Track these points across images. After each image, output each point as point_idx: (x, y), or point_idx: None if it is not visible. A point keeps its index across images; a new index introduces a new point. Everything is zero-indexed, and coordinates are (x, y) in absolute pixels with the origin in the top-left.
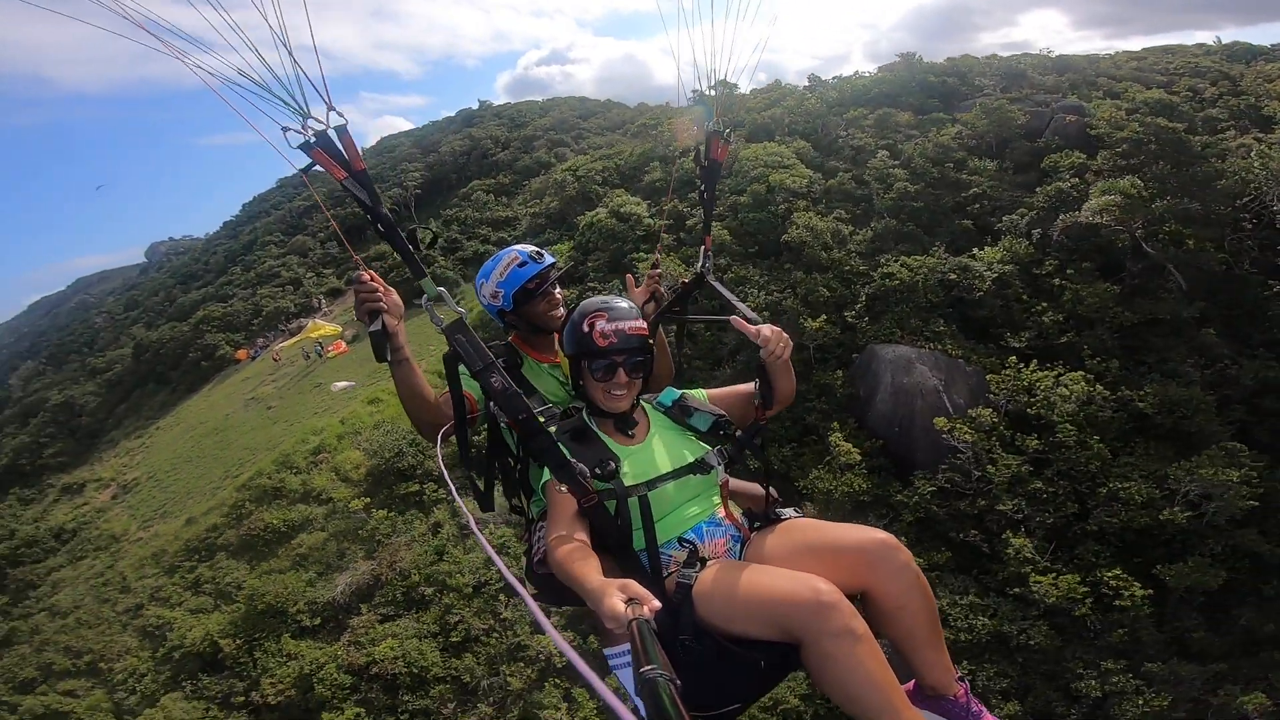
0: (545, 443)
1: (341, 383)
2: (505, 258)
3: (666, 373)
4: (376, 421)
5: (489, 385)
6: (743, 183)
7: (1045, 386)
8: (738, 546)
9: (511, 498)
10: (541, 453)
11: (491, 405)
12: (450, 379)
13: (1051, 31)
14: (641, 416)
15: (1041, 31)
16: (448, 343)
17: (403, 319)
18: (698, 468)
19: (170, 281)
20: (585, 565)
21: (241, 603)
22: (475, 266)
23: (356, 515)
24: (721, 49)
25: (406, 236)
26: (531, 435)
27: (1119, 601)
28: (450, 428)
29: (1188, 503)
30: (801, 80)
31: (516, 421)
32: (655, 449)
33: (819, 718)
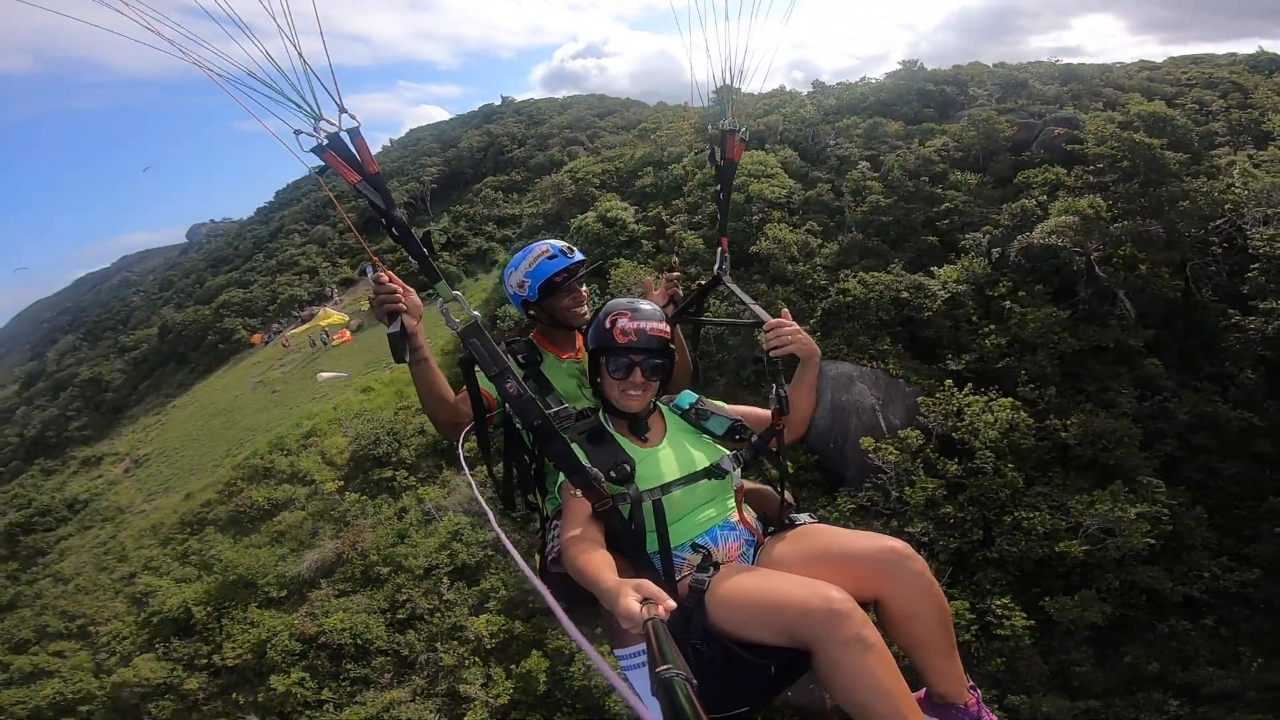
0: (560, 448)
1: (327, 373)
2: (536, 250)
3: (685, 373)
4: (358, 410)
5: (504, 390)
6: (706, 196)
7: (973, 412)
8: (751, 551)
9: (527, 494)
10: (557, 457)
11: (507, 406)
12: (467, 380)
13: (1106, 36)
14: (658, 419)
15: (1094, 36)
16: (463, 346)
17: (421, 319)
18: (713, 472)
19: (203, 264)
20: (600, 565)
21: (218, 573)
22: (479, 263)
23: (331, 497)
24: (736, 47)
25: (420, 239)
26: (547, 440)
27: (1000, 630)
28: (471, 428)
29: (1089, 536)
30: (836, 79)
31: (531, 427)
32: (671, 452)
33: None
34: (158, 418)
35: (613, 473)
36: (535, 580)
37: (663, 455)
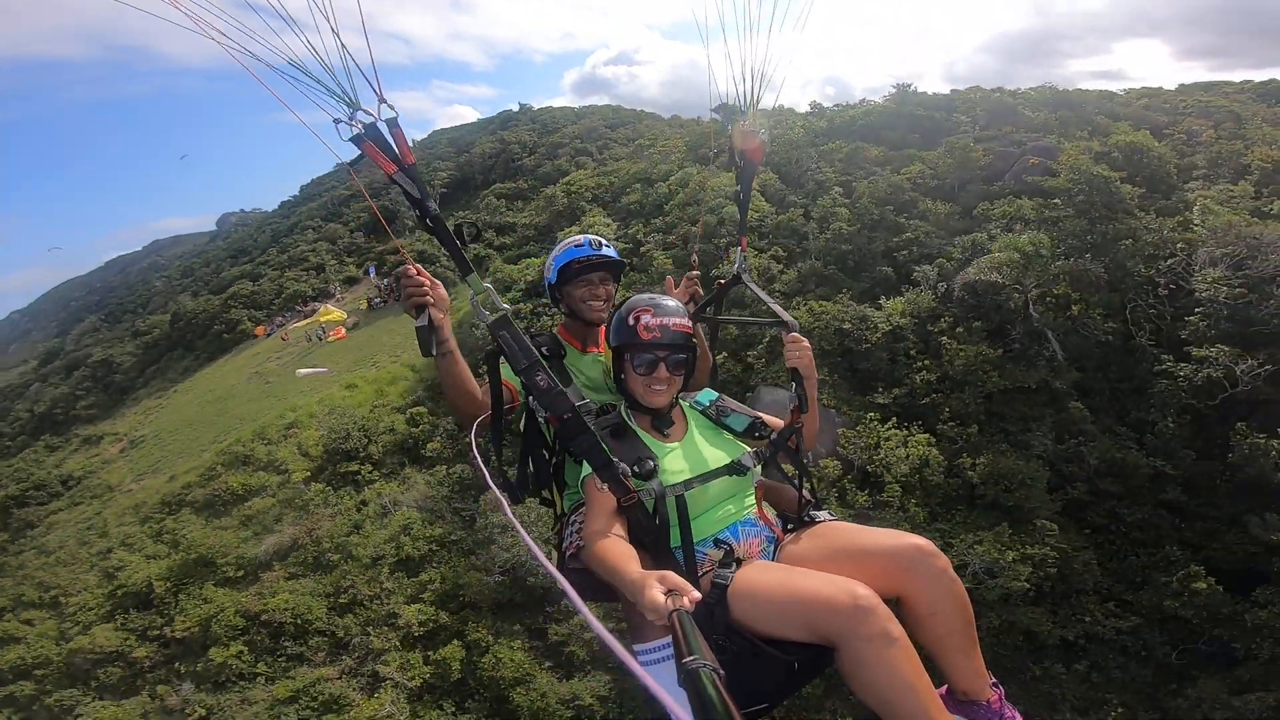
0: (588, 441)
1: (307, 369)
2: (571, 239)
3: (705, 370)
4: (331, 406)
5: (534, 383)
6: (696, 213)
7: (889, 446)
8: (771, 548)
9: (542, 490)
10: (585, 451)
11: (532, 400)
12: (491, 373)
13: (1151, 61)
14: (679, 416)
15: (1138, 61)
16: (492, 338)
17: (448, 313)
18: (734, 468)
19: (223, 254)
20: (625, 557)
21: (182, 551)
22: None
23: (298, 486)
24: (756, 54)
25: (454, 231)
26: (575, 434)
27: None
28: (486, 419)
29: (973, 575)
30: (874, 96)
31: (560, 419)
32: (693, 448)
33: None
34: (159, 401)
35: (636, 468)
36: (553, 570)
37: (685, 451)
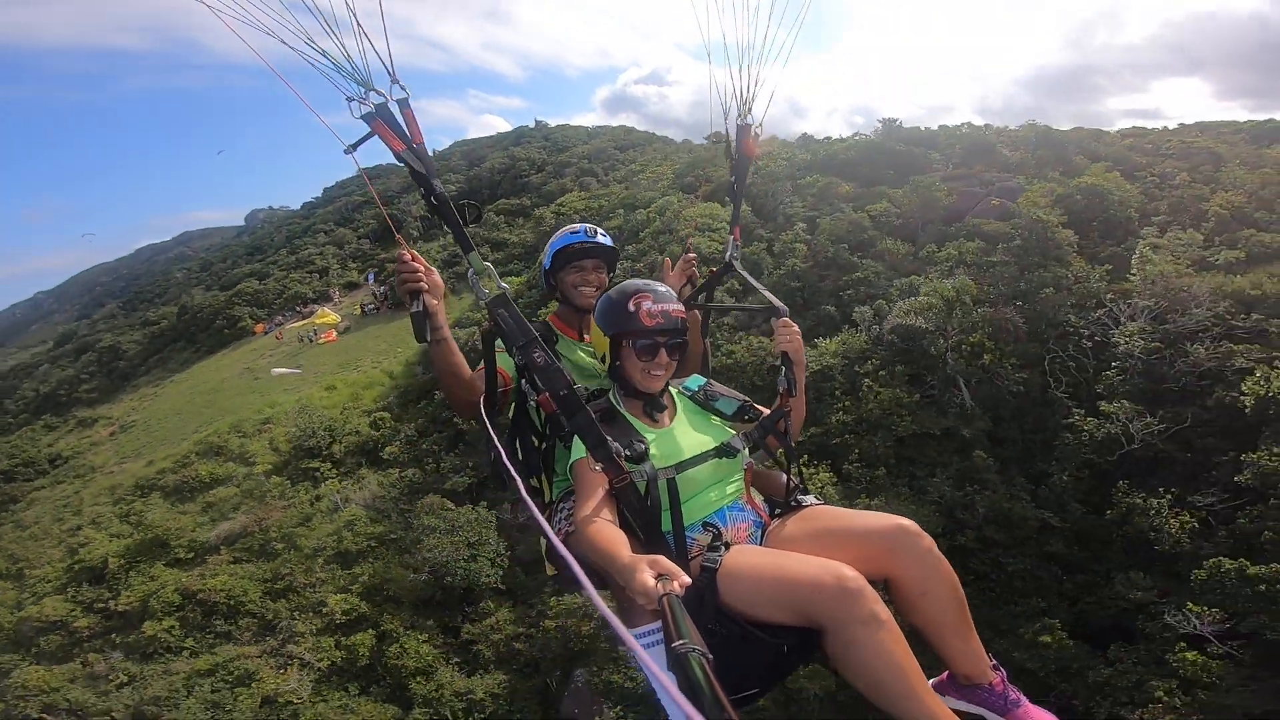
0: (584, 419)
1: (280, 369)
2: (567, 226)
3: (696, 356)
4: (306, 405)
5: (531, 360)
6: (672, 240)
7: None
8: (759, 532)
9: (530, 478)
10: (580, 429)
11: (523, 383)
12: (486, 353)
13: (1190, 100)
14: (669, 401)
15: (1177, 100)
16: (490, 317)
17: (442, 300)
18: (723, 451)
19: (241, 250)
20: (615, 543)
21: (141, 532)
22: (465, 282)
23: (259, 478)
24: (753, 52)
25: (457, 210)
26: (571, 412)
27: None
28: (491, 400)
29: None
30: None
31: (557, 397)
32: (683, 432)
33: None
34: (154, 390)
35: (628, 451)
36: (560, 547)
37: (675, 435)
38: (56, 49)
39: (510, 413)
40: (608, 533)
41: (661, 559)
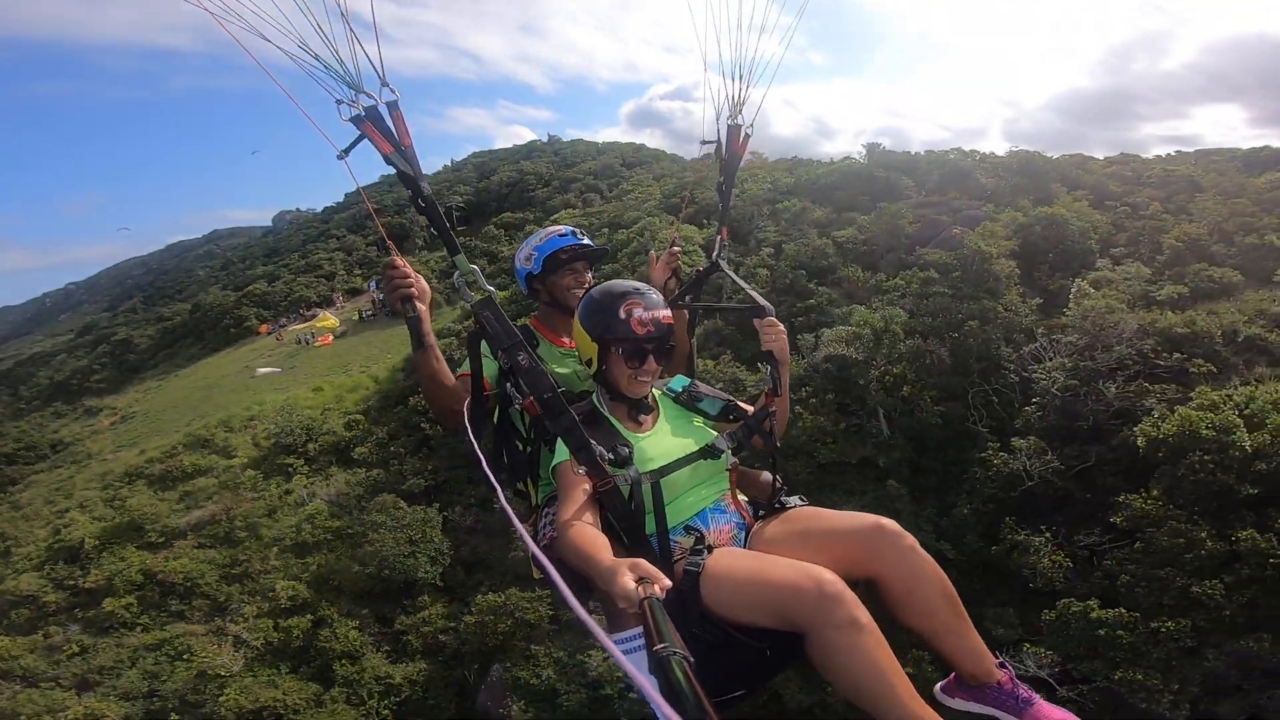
0: (568, 421)
1: (264, 369)
2: (551, 229)
3: (682, 356)
4: (290, 405)
5: (516, 362)
6: (643, 261)
7: None
8: (742, 535)
9: (516, 482)
10: (564, 432)
11: (508, 386)
12: (471, 356)
13: (1227, 128)
14: (652, 402)
15: (1215, 126)
16: (475, 319)
17: (430, 305)
18: (708, 452)
19: (259, 252)
20: (596, 547)
21: (120, 515)
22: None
23: (234, 470)
24: (745, 51)
25: (444, 213)
26: (555, 414)
27: None
28: (471, 405)
29: None
30: (925, 148)
31: (541, 400)
32: (667, 435)
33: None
34: (158, 383)
35: (611, 455)
36: (537, 552)
37: (659, 438)
38: (110, 46)
39: (494, 418)
40: (589, 536)
41: (642, 562)
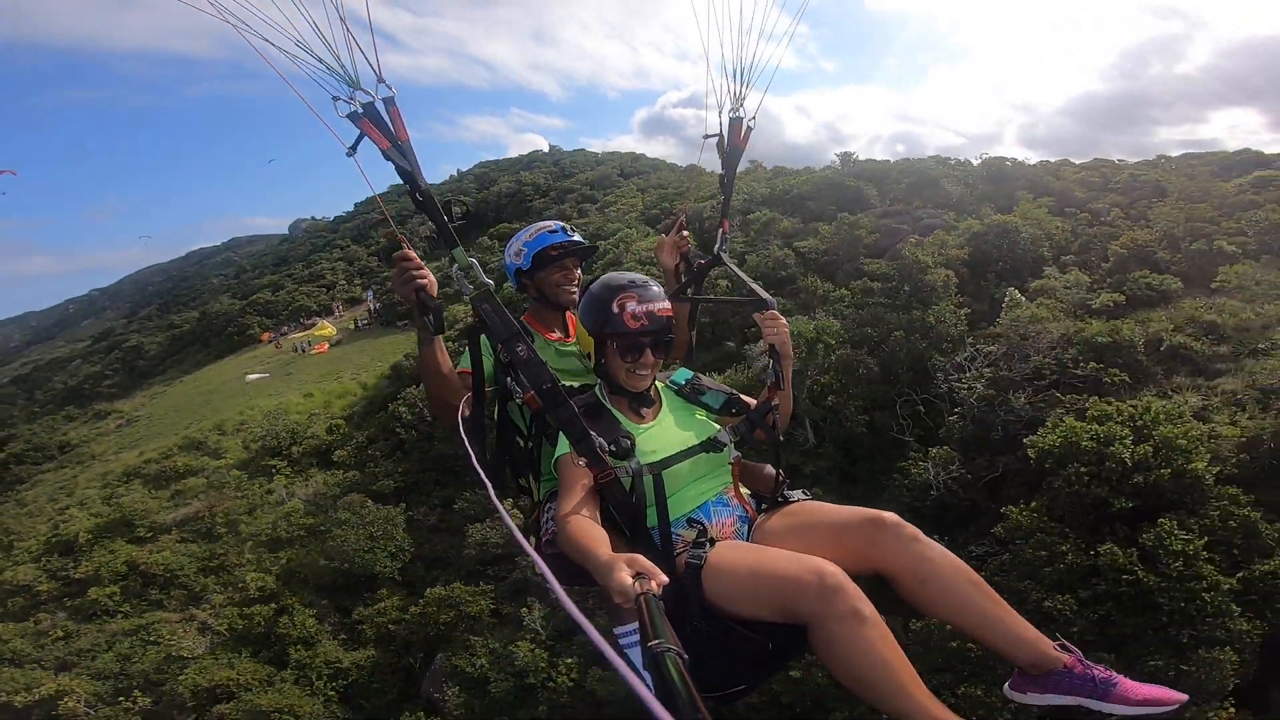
0: (568, 413)
1: (254, 374)
2: (539, 225)
3: (681, 348)
4: (281, 410)
5: (515, 354)
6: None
7: None
8: (745, 528)
9: (518, 478)
10: (564, 424)
11: (508, 380)
12: (472, 348)
13: (1246, 132)
14: (655, 395)
15: (1232, 131)
16: (474, 312)
17: (435, 296)
18: (710, 445)
19: (270, 261)
20: (594, 541)
21: (113, 512)
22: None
23: (221, 471)
24: (746, 48)
25: (441, 206)
26: (555, 406)
27: None
28: (468, 401)
29: None
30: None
31: (541, 392)
32: (669, 427)
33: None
34: (164, 388)
35: (613, 446)
36: (532, 553)
37: (661, 430)
38: (132, 54)
39: (494, 413)
40: (587, 530)
41: (639, 558)
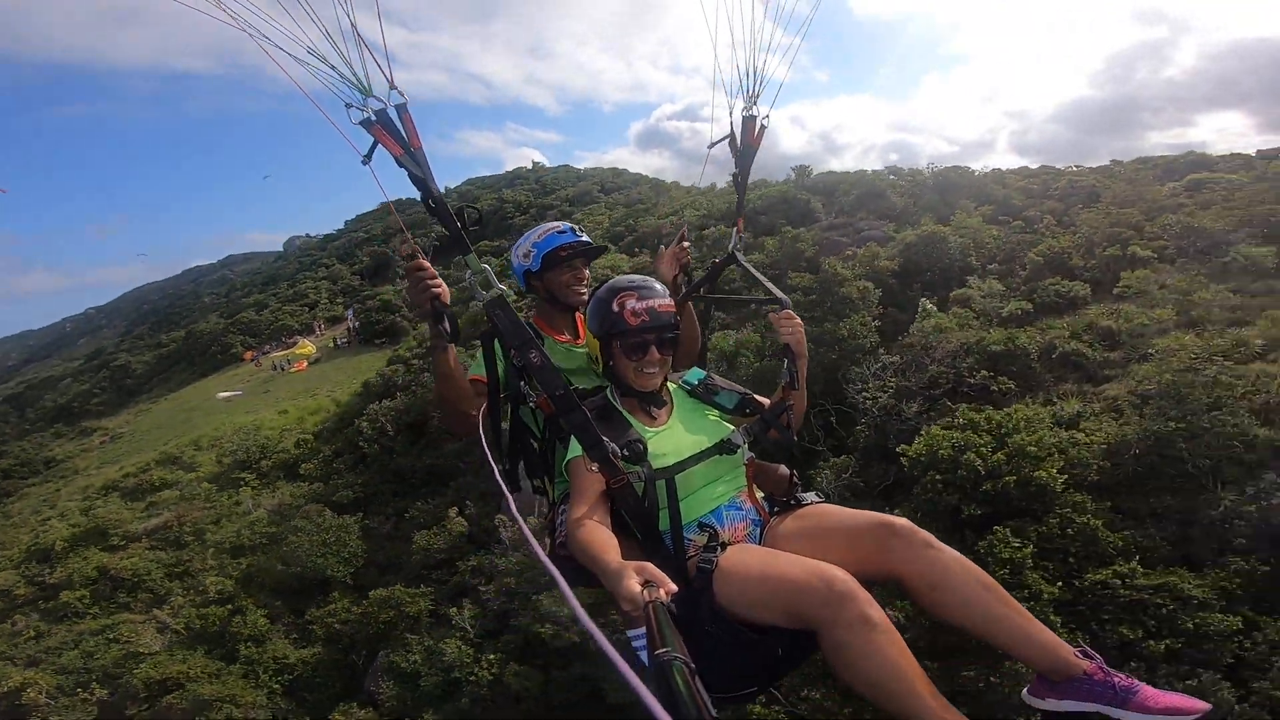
0: (580, 418)
1: (225, 392)
2: (547, 225)
3: (692, 348)
4: (254, 426)
5: (528, 360)
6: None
7: None
8: (758, 531)
9: (534, 479)
10: (576, 429)
11: (521, 385)
12: (486, 354)
13: (1235, 134)
14: (666, 396)
15: (1221, 134)
16: (488, 318)
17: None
18: (724, 447)
19: (260, 280)
20: (604, 547)
21: (89, 522)
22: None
23: (192, 483)
24: (759, 47)
25: (455, 213)
26: (567, 411)
27: None
28: (485, 410)
29: None
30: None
31: (554, 396)
32: (681, 429)
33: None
34: (149, 406)
35: (625, 451)
36: (544, 558)
37: (673, 433)
38: (130, 70)
39: (508, 419)
40: (597, 536)
41: (648, 565)
